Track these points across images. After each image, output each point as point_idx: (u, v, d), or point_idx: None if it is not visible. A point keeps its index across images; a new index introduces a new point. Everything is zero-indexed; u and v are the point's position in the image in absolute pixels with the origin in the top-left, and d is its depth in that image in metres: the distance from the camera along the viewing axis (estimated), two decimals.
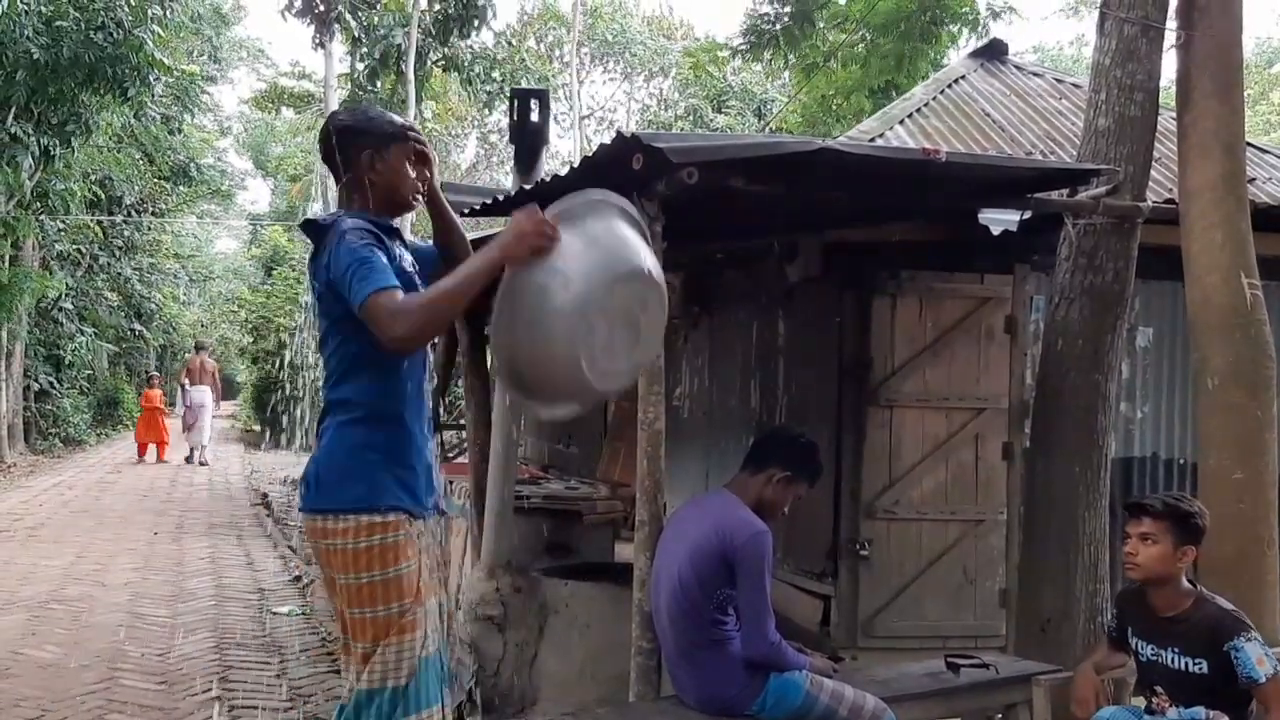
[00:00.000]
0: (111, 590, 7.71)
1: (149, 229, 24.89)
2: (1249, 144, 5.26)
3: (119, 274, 23.81)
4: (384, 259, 2.67)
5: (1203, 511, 3.53)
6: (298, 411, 24.02)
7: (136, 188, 22.42)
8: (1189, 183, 4.65)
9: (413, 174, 2.94)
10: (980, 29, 14.22)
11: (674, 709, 3.58)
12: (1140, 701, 3.67)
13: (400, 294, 2.62)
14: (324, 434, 2.79)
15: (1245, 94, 4.90)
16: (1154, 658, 3.48)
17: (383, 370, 2.76)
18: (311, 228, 2.84)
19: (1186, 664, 3.38)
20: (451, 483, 6.99)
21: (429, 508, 2.84)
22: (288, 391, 24.46)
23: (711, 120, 27.48)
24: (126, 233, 23.46)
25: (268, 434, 25.48)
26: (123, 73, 13.55)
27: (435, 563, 2.88)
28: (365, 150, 2.87)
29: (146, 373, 22.75)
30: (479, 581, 5.46)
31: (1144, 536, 3.44)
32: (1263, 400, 4.44)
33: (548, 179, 4.18)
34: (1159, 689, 3.47)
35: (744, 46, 14.92)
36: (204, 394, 18.43)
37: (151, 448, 19.02)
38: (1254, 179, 6.36)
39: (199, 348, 20.57)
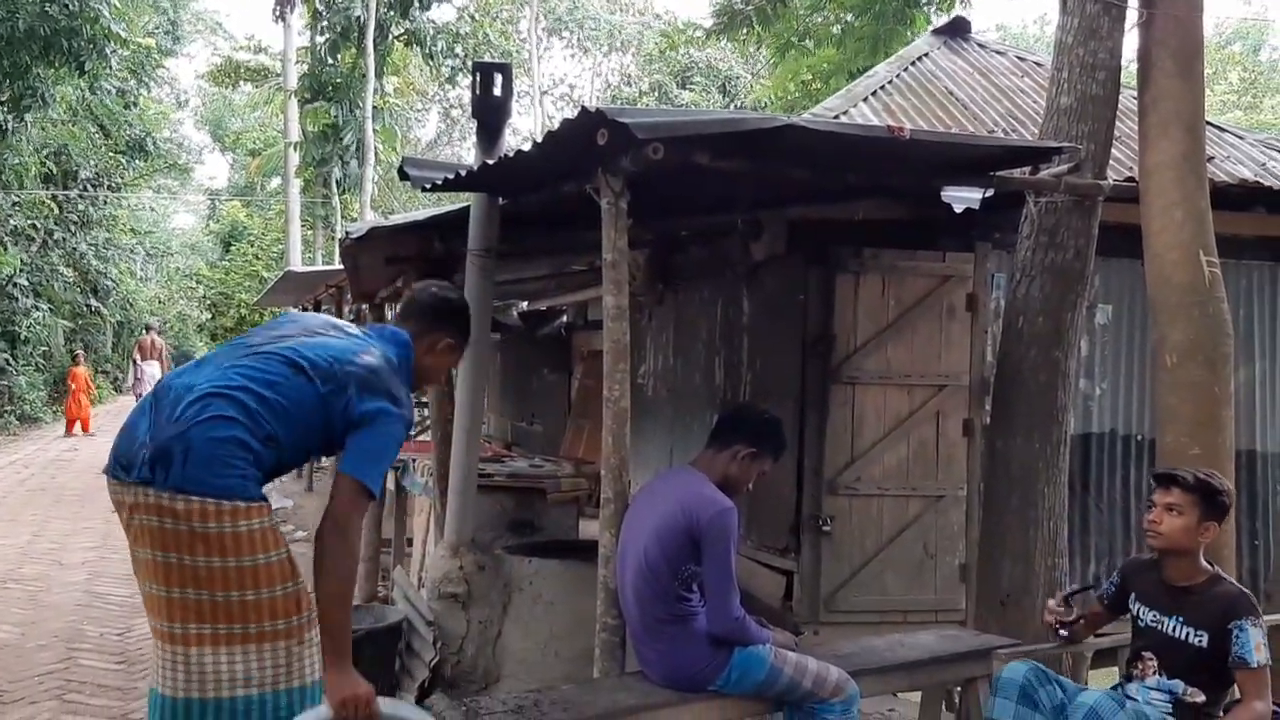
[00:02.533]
0: (69, 569, 7.63)
1: (105, 204, 24.51)
2: (1208, 123, 5.30)
3: (74, 249, 23.43)
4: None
5: (1230, 491, 3.55)
6: None
7: (92, 162, 22.07)
8: (1149, 161, 4.68)
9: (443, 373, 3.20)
10: (951, 9, 14.22)
11: (639, 685, 3.59)
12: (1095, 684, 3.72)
13: (367, 506, 2.81)
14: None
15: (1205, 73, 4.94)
16: (1153, 624, 3.51)
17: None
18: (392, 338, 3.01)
19: (1188, 634, 3.40)
20: (414, 461, 6.95)
21: None
22: None
23: (676, 96, 27.43)
24: (82, 207, 23.07)
25: None
26: (78, 45, 13.33)
27: None
28: (446, 339, 3.12)
29: (72, 351, 22.76)
30: (442, 559, 5.44)
31: (1170, 507, 3.45)
32: (1220, 377, 4.49)
33: (510, 154, 4.14)
34: (1147, 654, 3.50)
35: (716, 26, 14.83)
36: (154, 368, 20.37)
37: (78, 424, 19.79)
38: (1213, 158, 6.43)
39: (148, 328, 22.71)
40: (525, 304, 11.67)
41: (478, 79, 5.48)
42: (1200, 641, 3.36)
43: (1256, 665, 3.25)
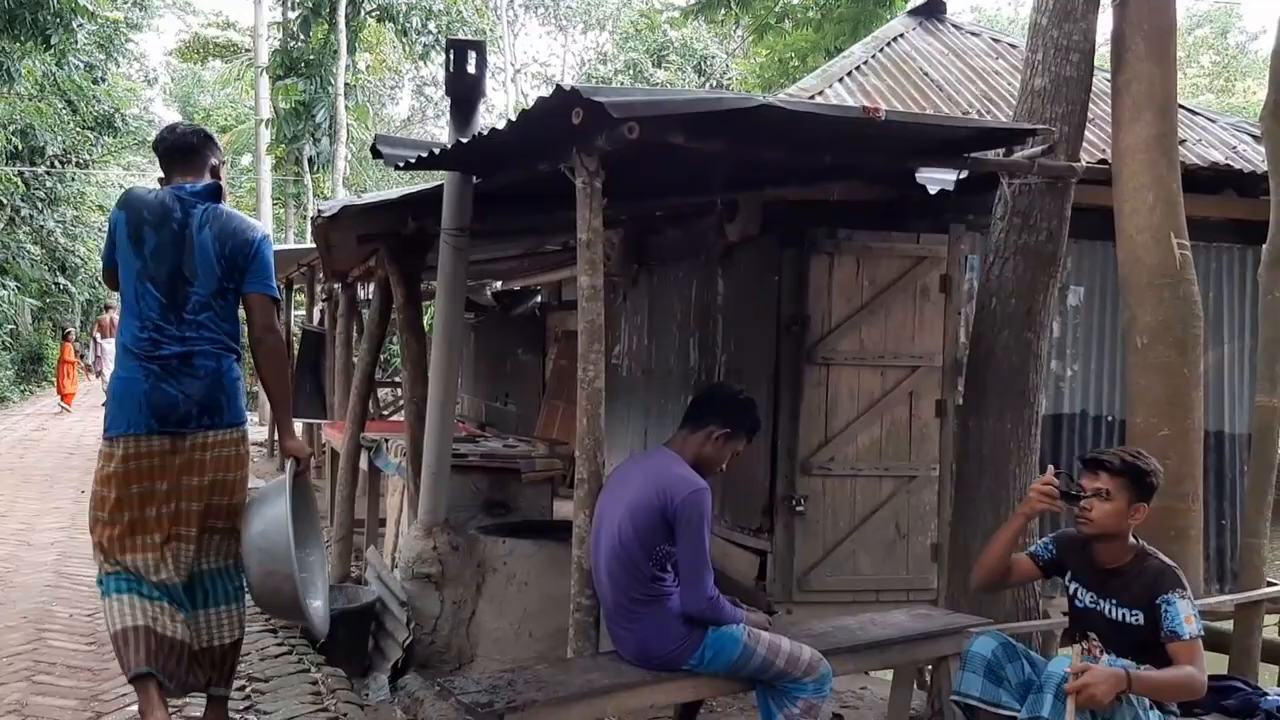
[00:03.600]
0: (37, 550, 7.56)
1: (73, 181, 24.18)
2: (1181, 106, 5.33)
3: (41, 227, 23.11)
4: None
5: (1158, 470, 3.52)
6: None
7: (59, 138, 21.74)
8: (1122, 143, 4.71)
9: None
10: None
11: (612, 664, 3.60)
12: (1068, 652, 3.71)
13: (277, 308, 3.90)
14: (199, 369, 3.70)
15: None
16: (1092, 606, 3.53)
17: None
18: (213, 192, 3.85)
19: (1124, 615, 3.41)
20: (387, 441, 6.93)
21: None
22: None
23: (651, 75, 27.33)
24: (49, 184, 22.73)
25: None
26: (44, 19, 13.11)
27: None
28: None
29: (64, 328, 23.05)
30: (416, 540, 5.43)
31: (1099, 492, 3.44)
32: (1190, 358, 4.53)
33: (484, 133, 4.12)
34: (1092, 636, 3.53)
35: (694, 6, 14.78)
36: (113, 345, 20.13)
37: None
38: (1185, 141, 6.47)
39: (107, 307, 23.46)
40: (499, 284, 11.65)
41: (451, 56, 5.44)
42: (1137, 620, 3.38)
43: (1189, 637, 3.26)
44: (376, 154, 5.11)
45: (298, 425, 14.05)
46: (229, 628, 3.87)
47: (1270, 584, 5.20)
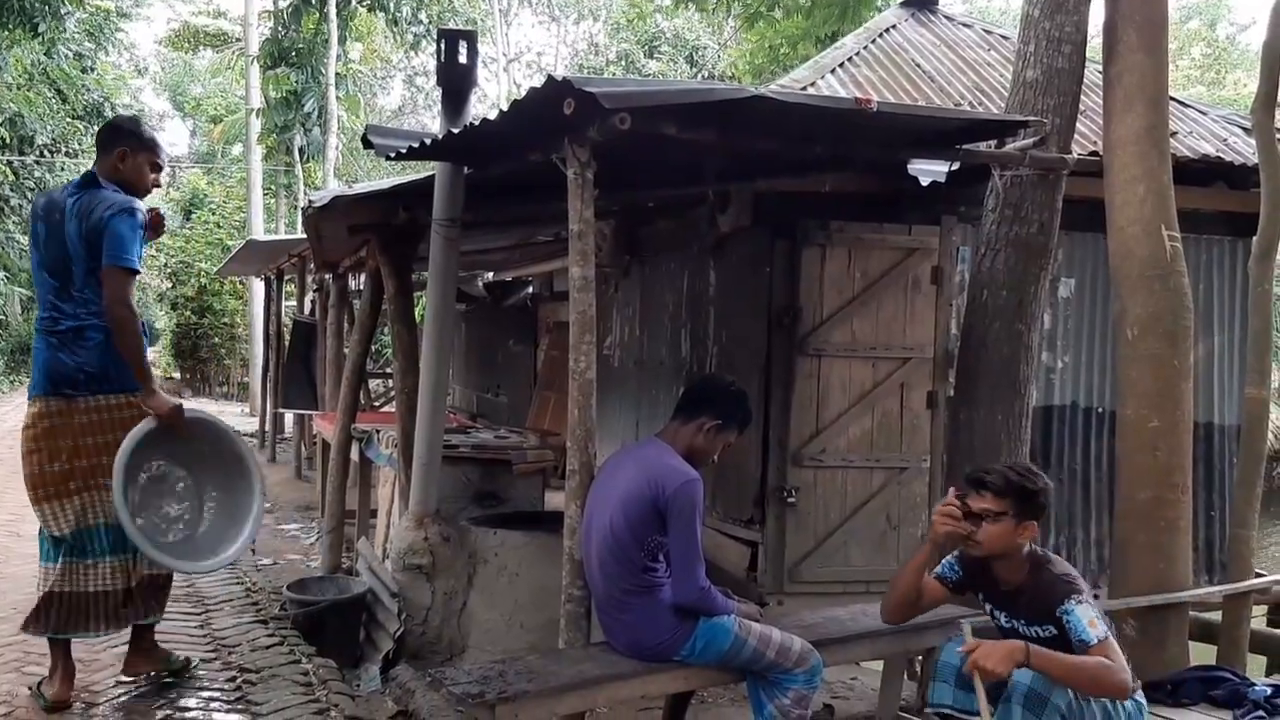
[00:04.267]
0: (28, 541, 7.51)
1: (62, 170, 24.07)
2: (1172, 98, 5.34)
3: None
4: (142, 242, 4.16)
5: (1047, 488, 3.43)
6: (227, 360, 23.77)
7: (49, 127, 21.65)
8: (1113, 135, 4.71)
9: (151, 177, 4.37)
10: None
11: (604, 655, 3.61)
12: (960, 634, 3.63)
13: (132, 278, 4.13)
14: (89, 340, 4.13)
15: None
16: (1009, 625, 3.49)
17: None
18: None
19: (1037, 632, 3.37)
20: (379, 432, 6.92)
21: None
22: (212, 339, 24.09)
23: (643, 66, 27.27)
24: (39, 174, 22.64)
25: (188, 381, 25.08)
26: (32, 6, 13.02)
27: None
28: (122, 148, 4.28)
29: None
30: (407, 531, 5.43)
31: (985, 513, 3.35)
32: (1180, 350, 4.54)
33: (476, 123, 4.10)
34: None
35: None
36: None
37: None
38: (1176, 133, 6.47)
39: None
40: (491, 274, 11.64)
41: (443, 46, 5.43)
42: (1050, 633, 3.32)
43: (1097, 641, 3.18)
44: (368, 144, 5.10)
45: (288, 416, 14.12)
46: (145, 564, 4.31)
47: (1259, 575, 5.23)
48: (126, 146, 4.34)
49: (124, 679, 4.59)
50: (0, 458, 12.18)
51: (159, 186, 4.55)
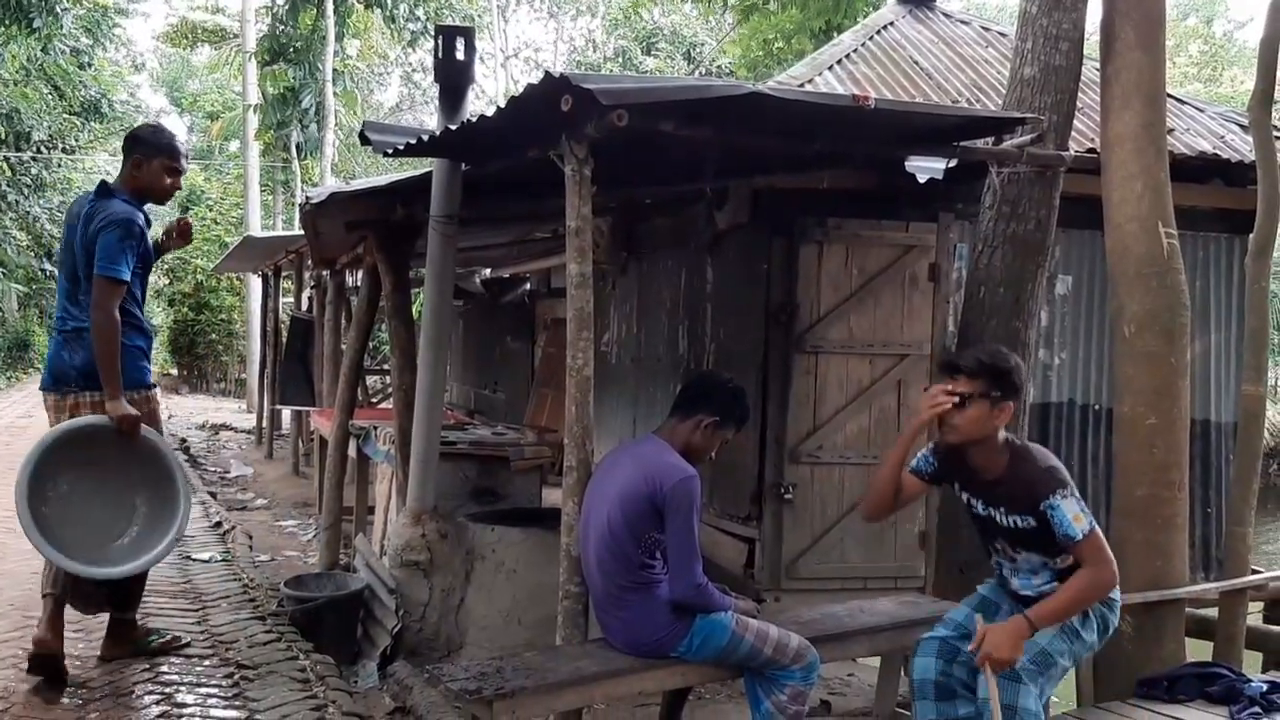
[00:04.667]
0: (24, 536, 7.52)
1: (59, 167, 24.05)
2: (1169, 95, 5.34)
3: (28, 213, 22.99)
4: (130, 266, 4.34)
5: (1019, 366, 3.42)
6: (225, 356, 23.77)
7: (46, 123, 21.62)
8: (1110, 132, 4.71)
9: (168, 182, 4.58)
10: None
11: (601, 651, 3.61)
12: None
13: (118, 289, 4.31)
14: (85, 341, 4.35)
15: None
16: (986, 514, 3.45)
17: None
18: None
19: (1015, 522, 3.34)
20: (376, 428, 6.92)
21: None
22: (209, 336, 24.09)
23: (640, 63, 27.23)
24: (35, 170, 22.61)
25: (185, 378, 25.08)
26: (28, 2, 12.99)
27: None
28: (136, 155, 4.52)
29: None
30: (404, 527, 5.43)
31: (960, 397, 3.32)
32: (1177, 347, 4.54)
33: (473, 120, 4.10)
34: (998, 542, 3.49)
35: None
36: None
37: None
38: (1173, 130, 6.47)
39: None
40: (488, 271, 11.63)
41: (440, 42, 5.42)
42: (1029, 525, 3.30)
43: (1083, 536, 3.20)
44: (365, 140, 5.09)
45: (285, 413, 14.12)
46: None
47: (1255, 571, 5.24)
48: (140, 154, 4.56)
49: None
50: None
51: (179, 189, 4.78)
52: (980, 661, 3.19)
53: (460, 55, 5.43)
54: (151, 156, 4.56)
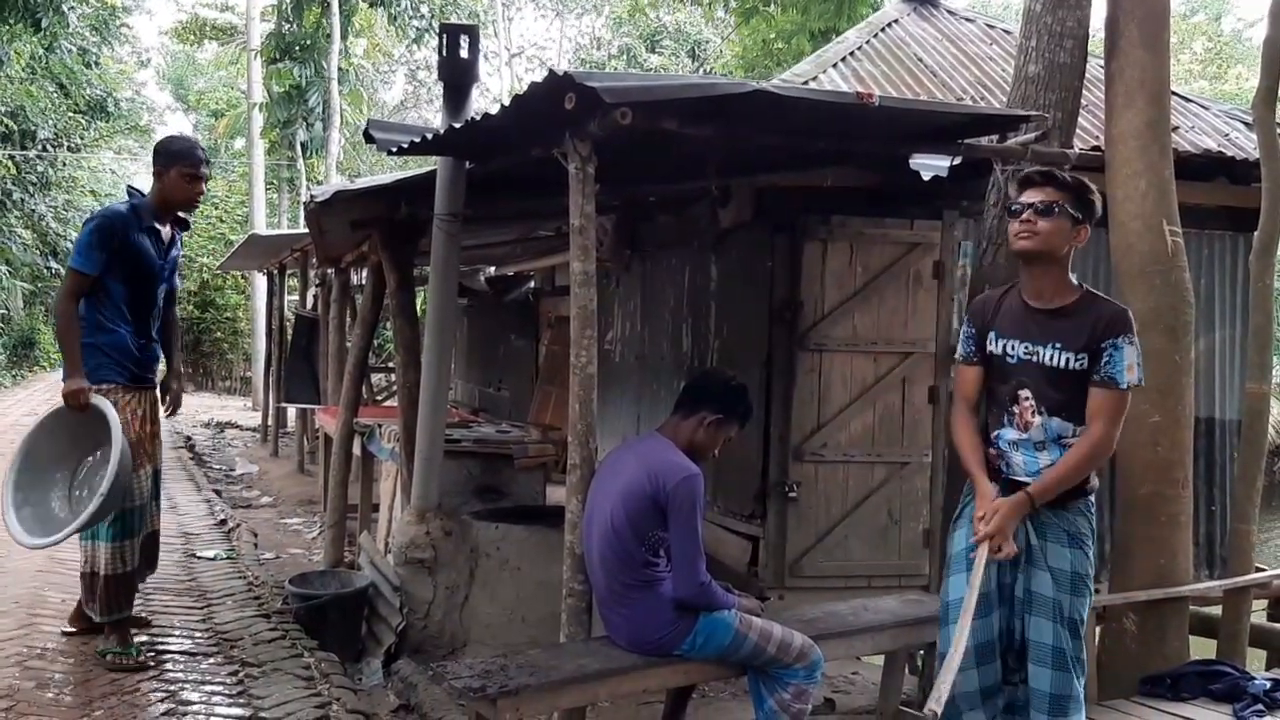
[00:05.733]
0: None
1: (64, 165, 24.08)
2: (1173, 93, 5.33)
3: (33, 211, 23.01)
4: (91, 257, 4.49)
5: (1099, 199, 3.32)
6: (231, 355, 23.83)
7: (51, 121, 21.64)
8: (1115, 129, 4.71)
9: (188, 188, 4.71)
10: None
11: (604, 649, 3.61)
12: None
13: (74, 281, 4.53)
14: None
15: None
16: (1026, 357, 3.27)
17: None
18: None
19: (1067, 360, 3.19)
20: (381, 426, 6.93)
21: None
22: (214, 334, 24.14)
23: (645, 60, 27.23)
24: (41, 168, 22.64)
25: (191, 376, 25.13)
26: (35, 1, 13.01)
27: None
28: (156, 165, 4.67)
29: None
30: (409, 525, 5.44)
31: (1045, 206, 3.20)
32: (1181, 345, 4.55)
33: (477, 118, 4.10)
34: (1024, 394, 3.29)
35: None
36: None
37: None
38: (1177, 127, 6.47)
39: None
40: (492, 269, 11.63)
41: (444, 40, 5.43)
42: (1081, 365, 3.17)
43: (1125, 387, 3.13)
44: (369, 139, 5.10)
45: (290, 411, 14.13)
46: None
47: (1259, 569, 5.23)
48: (159, 165, 4.70)
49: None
50: (2, 452, 12.19)
51: (203, 194, 4.86)
52: (979, 538, 3.20)
53: (464, 53, 5.44)
54: (168, 166, 4.67)
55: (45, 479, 4.57)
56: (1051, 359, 3.20)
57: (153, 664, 4.73)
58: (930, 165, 4.88)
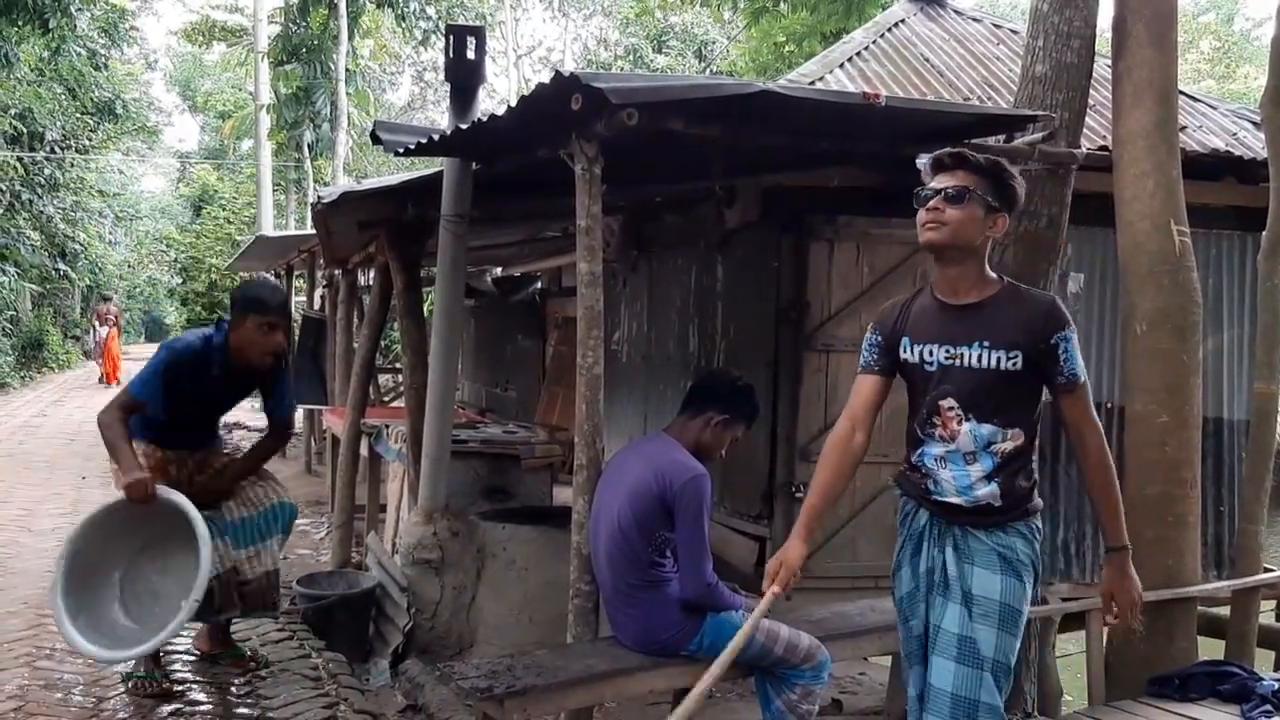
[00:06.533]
0: (39, 536, 7.57)
1: (72, 166, 24.14)
2: (1181, 92, 5.32)
3: (41, 212, 23.06)
4: (151, 385, 4.31)
5: (1022, 183, 2.96)
6: None
7: (59, 123, 21.71)
8: (1122, 129, 4.70)
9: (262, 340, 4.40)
10: None
11: (611, 650, 3.62)
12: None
13: (127, 399, 4.31)
14: None
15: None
16: (948, 361, 2.90)
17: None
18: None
19: (997, 359, 2.83)
20: (388, 427, 6.94)
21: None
22: None
23: (651, 61, 27.25)
24: (49, 170, 22.69)
25: None
26: (42, 3, 13.04)
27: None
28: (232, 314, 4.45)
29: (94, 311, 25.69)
30: (416, 526, 5.44)
31: (956, 192, 2.84)
32: (1189, 345, 4.54)
33: (484, 119, 4.11)
34: (947, 404, 2.92)
35: None
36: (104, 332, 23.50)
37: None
38: (1185, 127, 6.45)
39: (104, 299, 25.62)
40: (499, 270, 11.64)
41: (450, 42, 5.44)
42: (1014, 364, 2.82)
43: (1084, 380, 2.87)
44: (376, 140, 5.11)
45: (298, 411, 14.11)
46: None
47: (1267, 570, 5.22)
48: (235, 312, 4.44)
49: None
50: (11, 453, 12.24)
51: (279, 345, 4.48)
52: (1115, 615, 3.04)
53: (471, 55, 5.44)
54: (241, 319, 4.40)
55: (96, 581, 4.23)
56: (978, 359, 2.85)
57: (178, 689, 4.54)
58: None
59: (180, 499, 4.15)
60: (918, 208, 2.93)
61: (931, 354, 2.95)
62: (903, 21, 8.97)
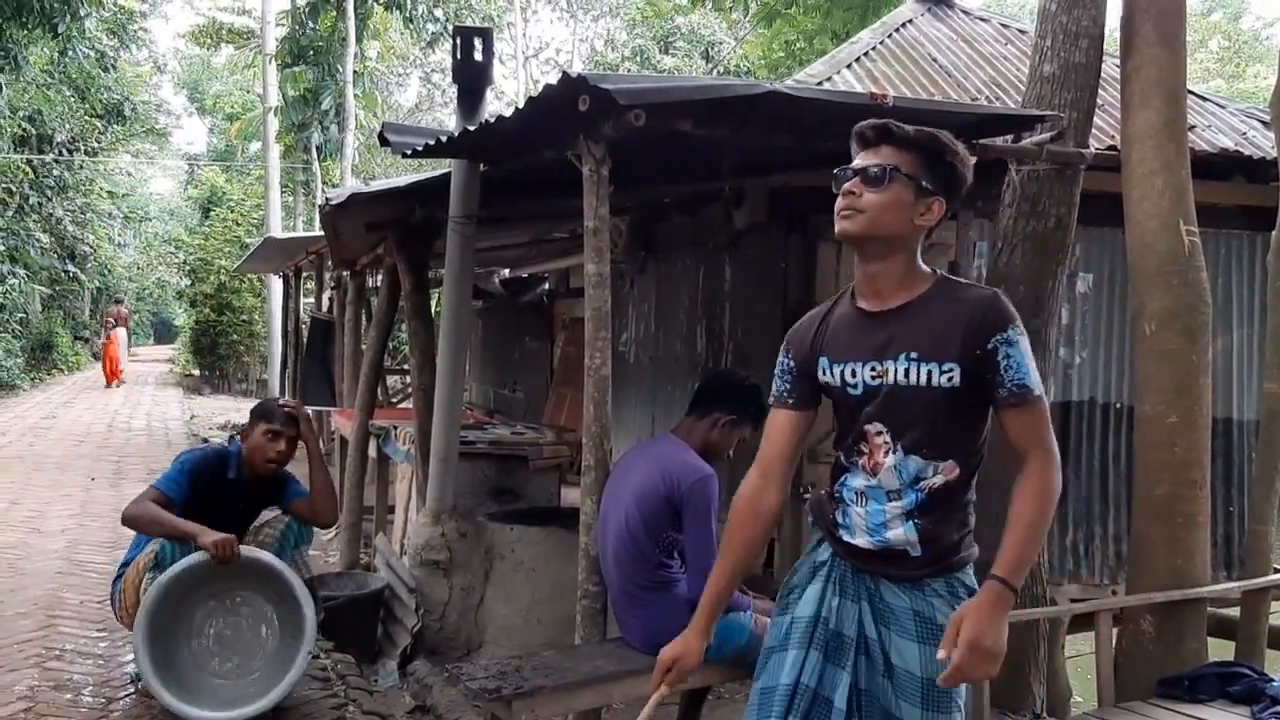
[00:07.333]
0: (48, 537, 7.59)
1: (81, 168, 24.21)
2: (1190, 91, 5.31)
3: (51, 215, 23.13)
4: (178, 483, 4.43)
5: (966, 159, 2.37)
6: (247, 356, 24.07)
7: (68, 125, 21.78)
8: (1131, 129, 4.69)
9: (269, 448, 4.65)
10: None
11: (619, 651, 3.62)
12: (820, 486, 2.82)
13: (155, 495, 4.36)
14: None
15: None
16: (874, 381, 2.33)
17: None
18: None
19: (929, 374, 2.25)
20: (396, 428, 6.94)
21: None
22: (231, 336, 24.32)
23: (659, 62, 27.24)
24: (58, 172, 22.76)
25: (207, 378, 25.32)
26: (51, 5, 13.09)
27: None
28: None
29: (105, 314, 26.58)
30: (424, 527, 5.45)
31: (877, 173, 2.33)
32: (1198, 345, 4.52)
33: (492, 120, 4.12)
34: (874, 429, 2.36)
35: None
36: (121, 333, 24.13)
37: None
38: (1194, 127, 6.44)
39: (117, 301, 26.76)
40: (507, 271, 11.66)
41: (458, 44, 5.44)
42: (950, 379, 2.24)
43: (1039, 393, 2.24)
44: (384, 141, 5.12)
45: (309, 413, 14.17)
46: None
47: (1277, 570, 5.20)
48: (248, 424, 4.79)
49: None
50: (21, 455, 12.28)
51: (283, 453, 4.69)
52: (953, 681, 2.16)
53: (478, 56, 5.45)
54: (253, 425, 4.71)
55: (170, 642, 4.19)
56: (906, 375, 2.28)
57: None
58: None
59: (257, 553, 4.29)
60: (835, 191, 2.43)
61: (855, 374, 2.36)
62: (910, 21, 8.96)
